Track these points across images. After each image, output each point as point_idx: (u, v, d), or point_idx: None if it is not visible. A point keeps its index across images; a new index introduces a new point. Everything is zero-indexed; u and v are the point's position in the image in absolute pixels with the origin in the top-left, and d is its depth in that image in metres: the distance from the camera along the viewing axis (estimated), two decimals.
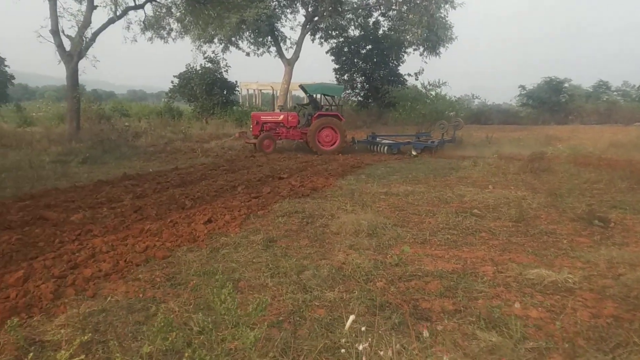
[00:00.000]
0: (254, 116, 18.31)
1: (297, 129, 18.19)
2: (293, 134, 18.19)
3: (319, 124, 17.57)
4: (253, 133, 17.86)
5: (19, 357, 3.25)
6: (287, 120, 18.13)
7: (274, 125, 18.00)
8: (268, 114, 18.98)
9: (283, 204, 8.10)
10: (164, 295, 4.33)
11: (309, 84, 19.54)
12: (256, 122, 17.77)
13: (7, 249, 5.55)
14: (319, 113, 18.03)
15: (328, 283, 4.64)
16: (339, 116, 18.24)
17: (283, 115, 18.30)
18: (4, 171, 10.72)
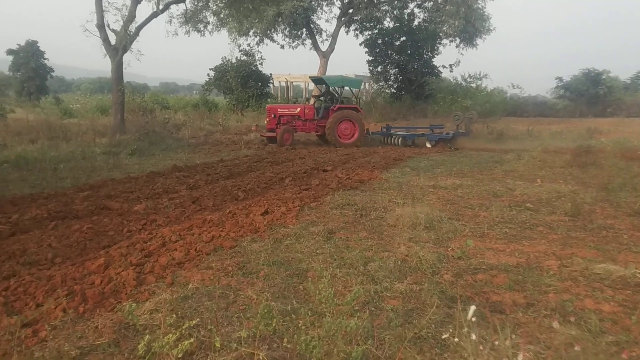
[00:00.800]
0: (271, 109, 17.95)
1: (313, 121, 18.02)
2: (309, 127, 18.04)
3: (339, 116, 17.45)
4: (268, 126, 17.58)
5: (117, 339, 3.45)
6: (303, 113, 17.91)
7: (291, 118, 17.75)
8: (285, 107, 18.71)
9: (334, 196, 8.22)
10: (238, 284, 4.49)
11: (328, 76, 19.53)
12: (273, 115, 17.48)
13: (81, 237, 5.81)
14: (338, 106, 17.91)
15: (395, 275, 4.73)
16: (357, 109, 18.21)
17: (300, 108, 18.15)
18: (60, 162, 11.10)
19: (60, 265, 4.92)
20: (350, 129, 17.68)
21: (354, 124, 17.69)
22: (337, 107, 17.73)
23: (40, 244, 5.51)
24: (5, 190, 8.51)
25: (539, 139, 18.14)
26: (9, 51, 47.62)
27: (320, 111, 18.12)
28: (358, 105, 18.65)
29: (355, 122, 17.68)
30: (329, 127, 17.25)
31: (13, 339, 3.40)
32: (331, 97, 18.87)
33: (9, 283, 4.35)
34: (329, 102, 18.53)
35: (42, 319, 3.69)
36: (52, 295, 4.10)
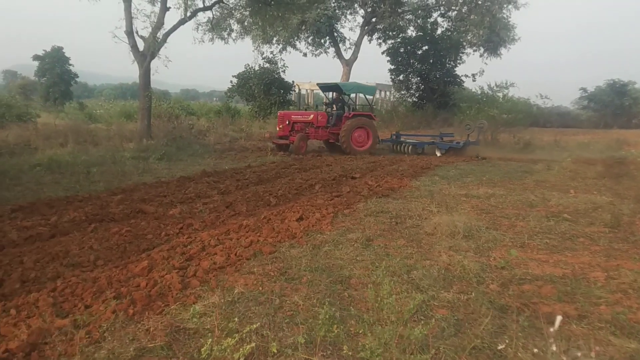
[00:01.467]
0: (284, 115, 17.48)
1: (326, 128, 17.73)
2: (322, 134, 17.74)
3: (354, 124, 17.17)
4: (281, 133, 17.22)
5: (169, 342, 3.43)
6: (316, 120, 17.55)
7: (304, 125, 17.40)
8: (298, 113, 18.07)
9: (367, 204, 8.17)
10: (282, 289, 4.46)
11: (343, 83, 19.14)
12: (287, 122, 17.12)
13: (120, 240, 5.84)
14: (353, 113, 17.72)
15: (440, 283, 4.67)
16: (372, 116, 18.02)
17: (313, 115, 17.67)
18: (91, 166, 11.21)
19: (103, 268, 4.95)
20: (364, 137, 17.50)
21: (367, 131, 17.51)
22: (352, 114, 17.58)
23: (82, 246, 5.55)
24: (40, 192, 8.61)
25: (567, 149, 17.93)
26: (35, 57, 48.49)
27: (333, 118, 17.85)
28: (372, 113, 18.53)
29: (369, 129, 17.51)
30: (343, 135, 16.97)
31: (67, 340, 3.42)
32: (342, 104, 18.55)
33: (55, 284, 4.38)
34: (341, 110, 18.25)
35: (93, 320, 3.69)
36: (99, 297, 4.12)
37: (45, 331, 3.44)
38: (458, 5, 27.88)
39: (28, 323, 3.58)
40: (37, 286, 4.46)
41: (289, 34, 27.42)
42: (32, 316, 3.73)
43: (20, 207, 7.33)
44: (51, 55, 48.14)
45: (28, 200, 7.85)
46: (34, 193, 8.53)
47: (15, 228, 6.18)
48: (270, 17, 20.85)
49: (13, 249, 5.48)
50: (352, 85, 19.27)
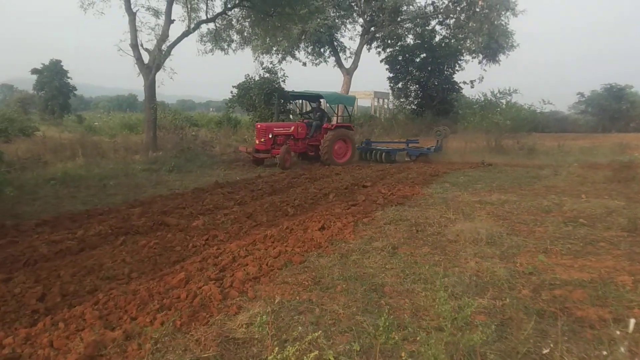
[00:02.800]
0: (266, 128, 15.91)
1: (305, 140, 16.86)
2: (301, 146, 16.78)
3: (337, 135, 16.62)
4: (261, 147, 15.79)
5: (221, 352, 3.51)
6: (297, 132, 16.53)
7: (285, 137, 16.24)
8: (279, 125, 16.81)
9: (384, 212, 8.27)
10: (318, 298, 4.53)
11: (326, 93, 18.13)
12: (270, 135, 15.70)
13: (150, 253, 5.92)
14: (335, 124, 17.21)
15: (473, 290, 4.76)
16: (351, 127, 17.71)
17: (293, 126, 16.63)
18: (104, 179, 11.27)
19: (139, 280, 5.02)
20: (344, 148, 17.03)
21: (346, 142, 17.08)
22: (335, 126, 17.08)
23: (114, 259, 5.62)
24: (60, 206, 8.68)
25: (571, 154, 18.12)
26: (34, 70, 48.58)
27: (312, 129, 17.00)
28: (351, 124, 18.20)
29: (348, 141, 17.12)
30: (325, 146, 16.27)
31: (120, 352, 3.49)
32: (321, 114, 17.72)
33: (98, 297, 4.45)
34: (319, 120, 17.40)
35: (142, 332, 3.76)
36: (143, 309, 4.19)
37: (99, 343, 3.51)
38: (456, 13, 28.13)
39: (81, 336, 3.64)
40: (78, 299, 4.53)
41: (289, 44, 27.56)
42: (82, 329, 3.80)
43: (44, 222, 7.40)
44: (49, 69, 48.19)
45: (50, 215, 7.93)
46: (54, 207, 8.60)
47: (45, 242, 6.24)
48: (271, 28, 21.05)
49: (46, 263, 5.54)
50: (334, 95, 18.65)
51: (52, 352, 3.44)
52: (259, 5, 19.40)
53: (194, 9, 19.47)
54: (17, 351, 3.47)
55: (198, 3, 19.53)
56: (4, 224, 7.09)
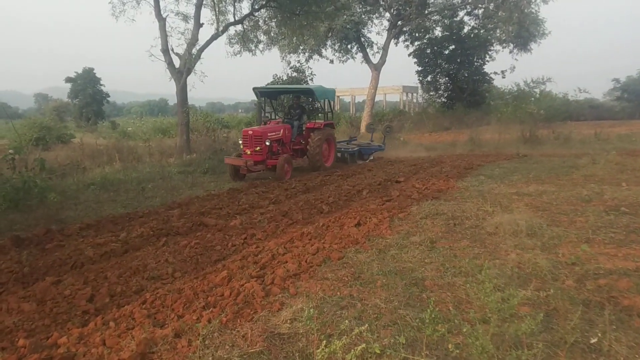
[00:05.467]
0: (261, 134, 12.89)
1: (290, 144, 14.37)
2: (286, 151, 13.99)
3: (325, 135, 14.54)
4: (256, 158, 12.68)
5: (268, 348, 3.56)
6: (284, 135, 13.94)
7: (277, 143, 13.58)
8: (271, 129, 13.58)
9: (420, 207, 8.23)
10: (359, 293, 4.56)
11: (316, 87, 15.75)
12: (267, 142, 12.88)
13: (192, 253, 6.05)
14: (325, 123, 15.14)
15: (515, 281, 4.72)
16: (333, 126, 16.08)
17: (282, 129, 13.86)
18: (141, 182, 11.52)
19: (183, 279, 5.14)
20: (327, 150, 15.07)
21: (329, 143, 15.15)
22: (324, 124, 14.97)
23: (158, 260, 5.77)
24: (101, 210, 8.91)
25: (608, 142, 17.70)
26: (68, 79, 49.98)
27: (295, 130, 14.58)
28: (333, 121, 16.33)
29: (331, 141, 15.25)
30: (316, 149, 14.08)
31: (171, 349, 3.58)
32: (301, 112, 15.33)
33: (145, 297, 4.57)
34: (298, 119, 15.02)
35: (190, 329, 3.85)
36: (189, 307, 4.29)
37: (150, 341, 3.60)
38: (485, 3, 27.68)
39: (132, 334, 3.75)
40: (126, 299, 4.67)
41: (316, 42, 27.62)
42: (132, 328, 3.91)
43: (88, 225, 7.63)
44: (83, 77, 49.56)
45: (93, 219, 8.16)
46: (96, 211, 8.84)
47: (90, 245, 6.44)
48: (298, 27, 21.14)
49: (93, 265, 5.72)
50: (320, 89, 15.81)
51: (105, 351, 3.55)
52: (286, 4, 19.53)
53: (222, 12, 19.76)
54: (71, 350, 3.60)
55: (226, 6, 19.83)
56: (50, 229, 7.33)
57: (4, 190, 8.36)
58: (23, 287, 5.02)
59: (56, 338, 3.77)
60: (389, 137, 18.12)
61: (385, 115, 34.92)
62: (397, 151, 19.24)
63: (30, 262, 5.80)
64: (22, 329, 3.99)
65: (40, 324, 4.10)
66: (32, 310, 4.34)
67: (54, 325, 4.11)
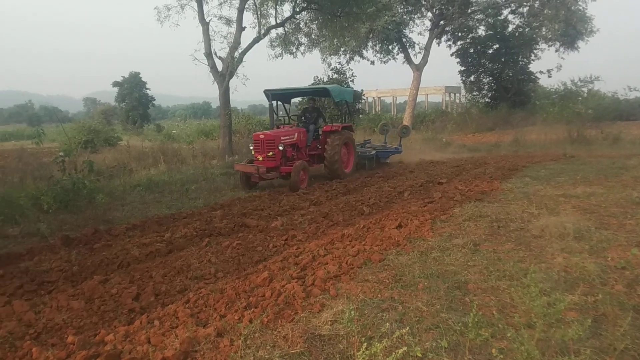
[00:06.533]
0: (274, 138, 11.89)
1: (306, 149, 13.30)
2: (302, 157, 12.92)
3: (344, 138, 13.35)
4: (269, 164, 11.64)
5: (309, 348, 3.57)
6: (299, 139, 12.89)
7: (291, 148, 12.62)
8: (285, 133, 12.48)
9: (463, 209, 8.10)
10: (400, 296, 4.52)
11: (332, 87, 14.38)
12: (281, 147, 11.82)
13: (234, 253, 6.13)
14: (343, 125, 13.95)
15: (562, 286, 4.59)
16: (352, 128, 14.85)
17: (296, 133, 12.83)
18: (186, 184, 11.74)
19: (225, 279, 5.22)
20: (347, 155, 13.97)
21: (349, 148, 14.06)
22: (342, 127, 13.76)
23: (201, 260, 5.88)
24: (146, 211, 9.14)
25: None
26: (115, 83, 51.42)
27: (310, 134, 13.53)
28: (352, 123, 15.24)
29: (350, 145, 14.11)
30: (332, 154, 12.85)
31: (213, 348, 3.63)
32: (317, 115, 14.31)
33: (188, 296, 4.66)
34: (314, 122, 14.00)
35: (232, 329, 3.90)
36: (231, 307, 4.35)
37: (193, 340, 3.67)
38: (530, 1, 27.02)
39: (175, 333, 3.83)
40: (170, 298, 4.77)
41: (357, 44, 27.57)
42: (176, 327, 3.99)
43: (134, 226, 7.84)
44: (129, 81, 50.88)
45: (139, 219, 8.38)
46: (142, 212, 9.07)
47: (136, 245, 6.61)
48: (339, 29, 21.16)
49: (138, 265, 5.87)
50: (337, 89, 14.59)
51: (150, 349, 3.64)
52: (327, 6, 19.58)
53: (263, 15, 19.96)
54: (118, 347, 3.70)
55: (268, 9, 20.01)
56: (98, 229, 7.56)
57: (54, 191, 8.67)
58: (72, 286, 5.19)
59: (103, 335, 3.89)
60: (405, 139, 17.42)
61: (427, 116, 34.55)
62: (440, 152, 19.00)
63: (79, 261, 6.01)
64: (71, 326, 4.13)
65: (88, 321, 4.24)
66: (80, 308, 4.49)
67: (102, 322, 4.24)
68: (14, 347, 3.74)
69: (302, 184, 11.52)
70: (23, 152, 16.76)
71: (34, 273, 5.57)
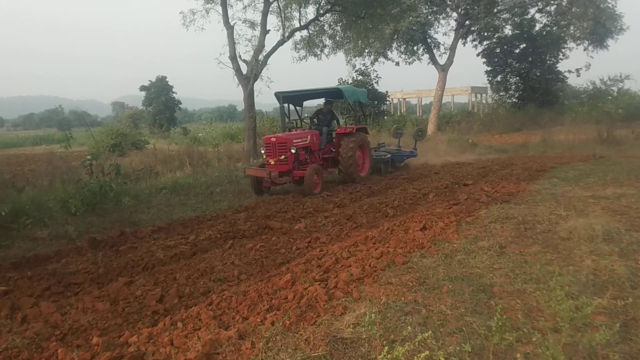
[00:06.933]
0: (286, 141, 11.41)
1: (319, 152, 12.91)
2: (315, 160, 12.62)
3: (358, 141, 12.83)
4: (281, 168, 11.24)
5: (330, 352, 3.55)
6: (312, 142, 12.44)
7: (303, 151, 12.14)
8: (296, 135, 12.10)
9: (489, 210, 7.98)
10: (424, 299, 4.46)
11: (345, 87, 13.76)
12: (293, 150, 11.38)
13: (257, 255, 6.15)
14: (357, 127, 13.48)
15: (590, 289, 4.48)
16: (367, 130, 14.31)
17: (309, 136, 12.35)
18: (211, 187, 11.84)
19: (248, 282, 5.23)
20: (361, 158, 13.40)
21: (364, 150, 13.51)
22: (356, 129, 13.30)
23: (224, 262, 5.91)
24: (172, 213, 9.24)
25: None
26: (142, 87, 52.20)
27: (324, 137, 13.05)
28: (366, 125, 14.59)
29: (365, 148, 13.57)
30: (348, 157, 12.36)
31: (235, 350, 3.64)
32: (331, 117, 13.84)
33: (211, 298, 4.68)
34: (327, 124, 13.52)
35: (254, 331, 3.90)
36: (254, 309, 4.35)
37: (215, 342, 3.68)
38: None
39: (198, 335, 3.85)
40: (193, 300, 4.80)
41: (381, 45, 27.49)
42: (199, 329, 4.01)
43: (159, 228, 7.93)
44: (156, 85, 51.58)
45: (164, 222, 8.48)
46: (167, 214, 9.17)
47: (160, 247, 6.69)
48: (363, 30, 21.13)
49: (163, 267, 5.93)
50: (351, 89, 14.12)
51: (173, 350, 3.66)
52: (350, 8, 19.58)
53: (287, 18, 20.06)
54: (141, 349, 3.73)
55: (291, 12, 20.11)
56: (124, 231, 7.67)
57: (82, 194, 8.83)
58: (98, 287, 5.27)
59: (127, 337, 3.93)
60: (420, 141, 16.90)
61: (453, 117, 34.21)
62: (466, 154, 18.79)
63: (105, 263, 6.11)
64: (96, 328, 4.19)
65: (112, 322, 4.29)
66: (105, 309, 4.55)
67: (126, 324, 4.28)
68: (40, 348, 3.80)
69: (315, 188, 11.10)
70: (53, 156, 17.10)
71: (61, 275, 5.67)
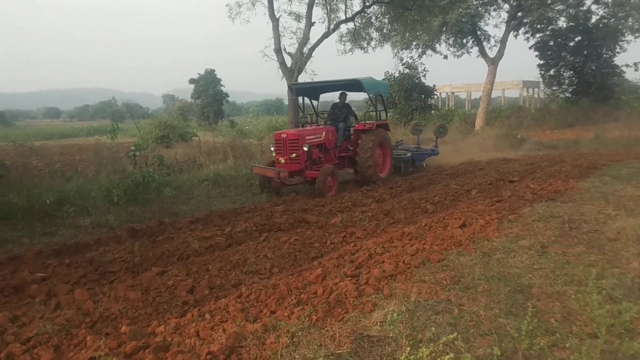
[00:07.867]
0: (298, 137, 10.54)
1: (335, 149, 12.03)
2: (330, 159, 11.77)
3: (378, 138, 11.85)
4: (292, 167, 10.45)
5: (355, 349, 3.47)
6: (327, 139, 11.54)
7: (317, 149, 11.23)
8: (310, 132, 11.18)
9: (533, 208, 7.69)
10: (457, 298, 4.31)
11: (365, 79, 12.15)
12: (306, 148, 10.46)
13: (290, 249, 6.12)
14: (377, 123, 12.33)
15: (636, 293, 4.23)
16: (388, 126, 13.23)
17: (324, 132, 11.45)
18: (250, 179, 11.90)
19: (280, 275, 5.21)
20: (382, 157, 12.37)
21: (384, 148, 12.46)
22: (376, 125, 12.18)
23: (257, 255, 5.90)
24: (211, 205, 9.34)
25: None
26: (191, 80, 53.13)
27: (340, 134, 12.14)
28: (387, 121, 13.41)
29: (386, 146, 12.53)
30: (367, 157, 11.38)
31: (259, 344, 3.60)
32: (348, 112, 12.87)
33: (240, 291, 4.67)
34: (344, 120, 12.57)
35: (280, 325, 3.85)
36: (282, 303, 4.31)
37: (240, 335, 3.65)
38: None
39: (223, 327, 3.83)
40: (223, 292, 4.81)
41: (429, 37, 26.96)
42: (225, 321, 4.00)
43: (197, 219, 8.02)
44: (204, 78, 52.38)
45: (203, 213, 8.58)
46: (206, 206, 9.29)
47: (196, 238, 6.75)
48: (410, 22, 20.77)
49: (197, 258, 5.98)
50: (371, 81, 12.66)
51: (198, 342, 3.66)
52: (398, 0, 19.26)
53: (333, 9, 19.92)
54: (167, 340, 3.74)
55: (337, 4, 19.94)
56: (163, 221, 7.80)
57: (125, 184, 9.03)
58: (132, 276, 5.36)
59: (155, 327, 3.96)
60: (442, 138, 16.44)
61: (502, 111, 33.30)
62: (514, 150, 18.24)
63: (141, 252, 6.21)
64: (126, 316, 4.24)
65: (142, 312, 4.34)
66: (136, 298, 4.61)
67: (155, 314, 4.32)
68: (70, 335, 3.88)
69: (329, 191, 10.19)
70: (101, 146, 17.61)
71: (98, 263, 5.80)
